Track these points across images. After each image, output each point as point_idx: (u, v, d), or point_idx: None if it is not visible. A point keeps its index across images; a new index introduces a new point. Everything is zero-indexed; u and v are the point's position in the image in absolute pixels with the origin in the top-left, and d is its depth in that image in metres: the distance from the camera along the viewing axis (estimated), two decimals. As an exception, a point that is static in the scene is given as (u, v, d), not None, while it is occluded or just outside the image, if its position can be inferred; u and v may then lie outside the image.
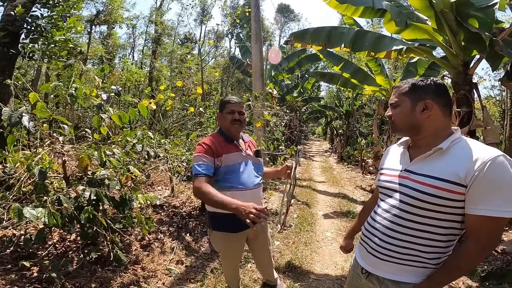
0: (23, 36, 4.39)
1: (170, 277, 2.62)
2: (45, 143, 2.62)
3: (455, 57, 3.35)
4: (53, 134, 2.69)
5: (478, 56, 3.32)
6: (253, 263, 2.76)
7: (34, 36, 4.41)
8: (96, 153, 2.31)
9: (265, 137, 5.93)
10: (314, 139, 29.96)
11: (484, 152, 0.95)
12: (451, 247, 1.07)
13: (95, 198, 2.23)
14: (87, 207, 2.17)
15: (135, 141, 2.83)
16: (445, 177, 0.98)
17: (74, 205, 2.21)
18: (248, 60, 10.74)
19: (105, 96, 2.52)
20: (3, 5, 4.31)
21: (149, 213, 3.57)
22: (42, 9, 4.58)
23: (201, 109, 5.00)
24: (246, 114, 1.92)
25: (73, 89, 2.30)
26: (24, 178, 2.29)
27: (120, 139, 2.87)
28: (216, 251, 2.88)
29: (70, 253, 2.56)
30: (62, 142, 2.59)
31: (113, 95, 2.65)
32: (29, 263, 2.22)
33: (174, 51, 18.33)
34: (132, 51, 23.71)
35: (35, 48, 4.50)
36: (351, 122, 13.08)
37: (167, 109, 4.44)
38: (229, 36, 24.35)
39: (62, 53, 4.78)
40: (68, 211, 2.13)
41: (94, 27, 16.59)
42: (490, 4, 3.08)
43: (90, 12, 16.99)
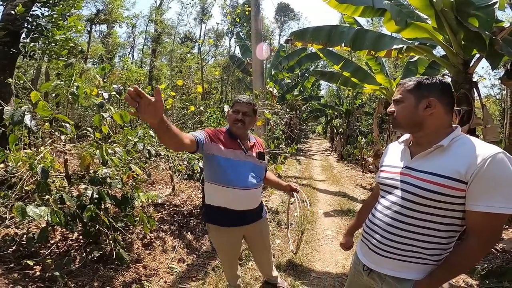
0: (23, 35, 4.39)
1: (172, 275, 2.63)
2: (47, 142, 2.63)
3: (455, 56, 3.36)
4: (55, 133, 2.69)
5: (478, 55, 3.32)
6: (254, 261, 2.77)
7: (34, 35, 4.41)
8: (98, 151, 2.32)
9: (265, 136, 5.93)
10: (314, 138, 29.96)
11: (484, 149, 0.96)
12: (452, 243, 1.08)
13: (97, 196, 2.24)
14: (89, 206, 2.17)
15: (136, 140, 2.84)
16: (446, 174, 0.99)
17: (76, 203, 2.22)
18: (248, 59, 10.74)
19: (106, 95, 2.53)
20: (4, 4, 4.30)
21: (150, 211, 3.59)
22: (42, 8, 4.58)
23: (202, 108, 5.00)
24: (256, 115, 1.90)
25: (75, 87, 2.31)
26: (26, 177, 2.29)
27: (121, 138, 2.88)
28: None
29: (72, 252, 2.57)
30: (64, 141, 2.60)
31: (114, 94, 2.65)
32: (32, 262, 2.23)
33: (174, 50, 18.31)
34: (132, 50, 23.72)
35: (35, 47, 4.50)
36: (351, 120, 13.07)
37: (168, 108, 4.44)
38: (229, 35, 24.35)
39: (62, 52, 4.78)
40: (70, 209, 2.14)
41: (94, 26, 16.58)
42: (490, 3, 3.08)
43: (90, 11, 17.04)
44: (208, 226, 1.93)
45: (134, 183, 2.72)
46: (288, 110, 11.91)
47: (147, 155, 2.89)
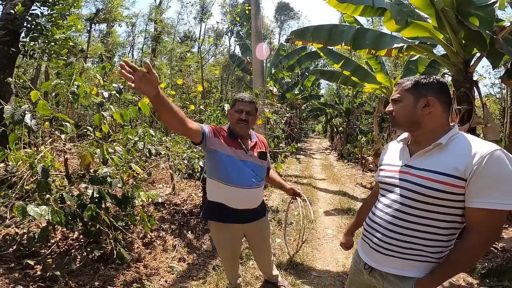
0: (23, 34, 4.38)
1: (172, 274, 2.63)
2: (47, 141, 2.62)
3: (455, 55, 3.35)
4: (55, 132, 2.69)
5: (478, 54, 3.32)
6: (254, 260, 2.77)
7: (34, 34, 4.39)
8: (98, 150, 2.32)
9: (265, 135, 5.94)
10: (314, 137, 29.98)
11: (482, 146, 0.98)
12: (453, 241, 1.09)
13: (97, 195, 2.24)
14: (90, 205, 2.17)
15: (137, 139, 2.83)
16: (445, 171, 1.00)
17: (76, 203, 2.22)
18: (248, 58, 10.71)
19: (106, 94, 2.52)
20: (3, 3, 4.29)
21: (151, 211, 3.59)
22: (42, 8, 4.56)
23: (202, 107, 4.99)
24: (257, 112, 1.87)
25: (75, 87, 2.30)
26: (26, 176, 2.29)
27: (121, 137, 2.87)
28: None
29: (73, 251, 2.57)
30: (64, 140, 2.60)
31: (114, 93, 2.65)
32: (33, 261, 2.23)
33: (173, 49, 18.26)
34: (131, 49, 23.65)
35: (35, 46, 4.49)
36: (351, 119, 13.05)
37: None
38: (229, 34, 24.32)
39: (62, 52, 4.77)
40: (71, 209, 2.14)
41: (93, 25, 16.56)
42: (490, 2, 3.07)
43: (89, 10, 16.96)
44: (209, 223, 1.94)
45: (134, 182, 2.72)
46: (288, 109, 11.88)
47: (147, 154, 2.90)
